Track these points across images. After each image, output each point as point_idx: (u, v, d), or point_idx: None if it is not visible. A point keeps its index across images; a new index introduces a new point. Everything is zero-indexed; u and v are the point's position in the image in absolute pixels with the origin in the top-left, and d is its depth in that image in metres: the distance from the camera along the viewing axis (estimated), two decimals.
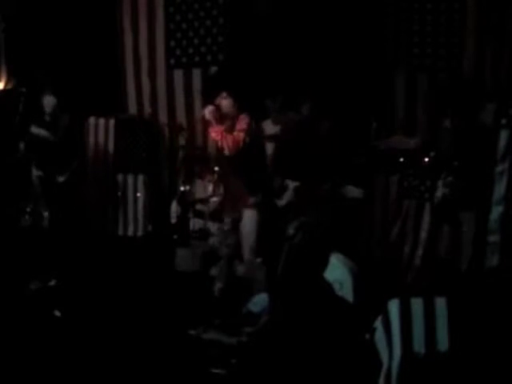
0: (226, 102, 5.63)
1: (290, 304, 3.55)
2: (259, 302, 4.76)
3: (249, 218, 5.40)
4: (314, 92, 6.21)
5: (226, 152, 5.65)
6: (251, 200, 5.52)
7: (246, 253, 5.43)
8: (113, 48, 7.41)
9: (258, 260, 5.27)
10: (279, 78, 6.52)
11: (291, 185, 5.63)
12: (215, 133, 5.70)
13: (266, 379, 3.42)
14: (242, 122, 5.61)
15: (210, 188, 6.19)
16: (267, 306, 4.48)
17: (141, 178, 7.27)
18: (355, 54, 6.39)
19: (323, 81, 6.33)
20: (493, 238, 5.49)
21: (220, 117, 5.65)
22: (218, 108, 5.64)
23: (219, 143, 5.65)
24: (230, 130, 5.61)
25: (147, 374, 4.17)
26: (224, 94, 5.63)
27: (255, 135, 5.71)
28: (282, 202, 5.62)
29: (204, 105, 6.03)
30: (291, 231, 4.50)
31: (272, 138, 6.14)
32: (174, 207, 6.63)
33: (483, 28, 6.02)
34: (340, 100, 6.27)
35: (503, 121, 5.40)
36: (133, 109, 7.50)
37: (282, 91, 6.39)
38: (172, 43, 7.18)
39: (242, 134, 5.58)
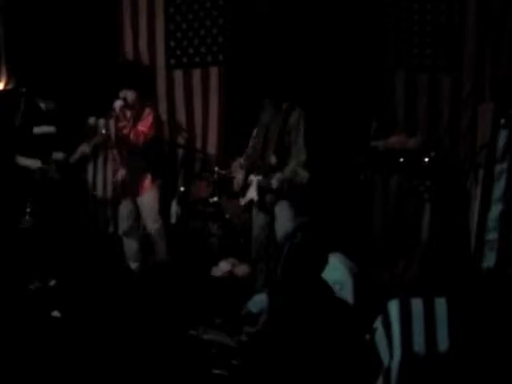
0: (130, 94, 5.87)
1: (290, 304, 3.55)
2: (258, 302, 4.76)
3: (149, 196, 5.93)
4: (312, 92, 6.21)
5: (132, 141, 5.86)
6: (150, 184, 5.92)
7: (149, 223, 6.01)
8: (113, 48, 7.40)
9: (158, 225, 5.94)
10: (278, 78, 6.52)
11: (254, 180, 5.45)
12: (123, 127, 5.92)
13: (266, 380, 3.43)
14: (146, 120, 5.89)
15: (210, 188, 6.21)
16: (266, 306, 4.48)
17: None
18: (355, 55, 6.39)
19: (323, 81, 6.33)
20: (491, 236, 5.50)
21: (126, 106, 5.90)
22: (125, 100, 5.88)
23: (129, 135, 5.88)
24: (135, 121, 5.87)
25: (147, 374, 4.17)
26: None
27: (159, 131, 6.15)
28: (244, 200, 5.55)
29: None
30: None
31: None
32: (174, 207, 6.64)
33: (483, 28, 6.03)
34: (340, 100, 6.28)
35: (502, 121, 5.41)
36: None
37: (280, 92, 6.38)
38: (172, 43, 7.19)
39: (142, 132, 5.83)
